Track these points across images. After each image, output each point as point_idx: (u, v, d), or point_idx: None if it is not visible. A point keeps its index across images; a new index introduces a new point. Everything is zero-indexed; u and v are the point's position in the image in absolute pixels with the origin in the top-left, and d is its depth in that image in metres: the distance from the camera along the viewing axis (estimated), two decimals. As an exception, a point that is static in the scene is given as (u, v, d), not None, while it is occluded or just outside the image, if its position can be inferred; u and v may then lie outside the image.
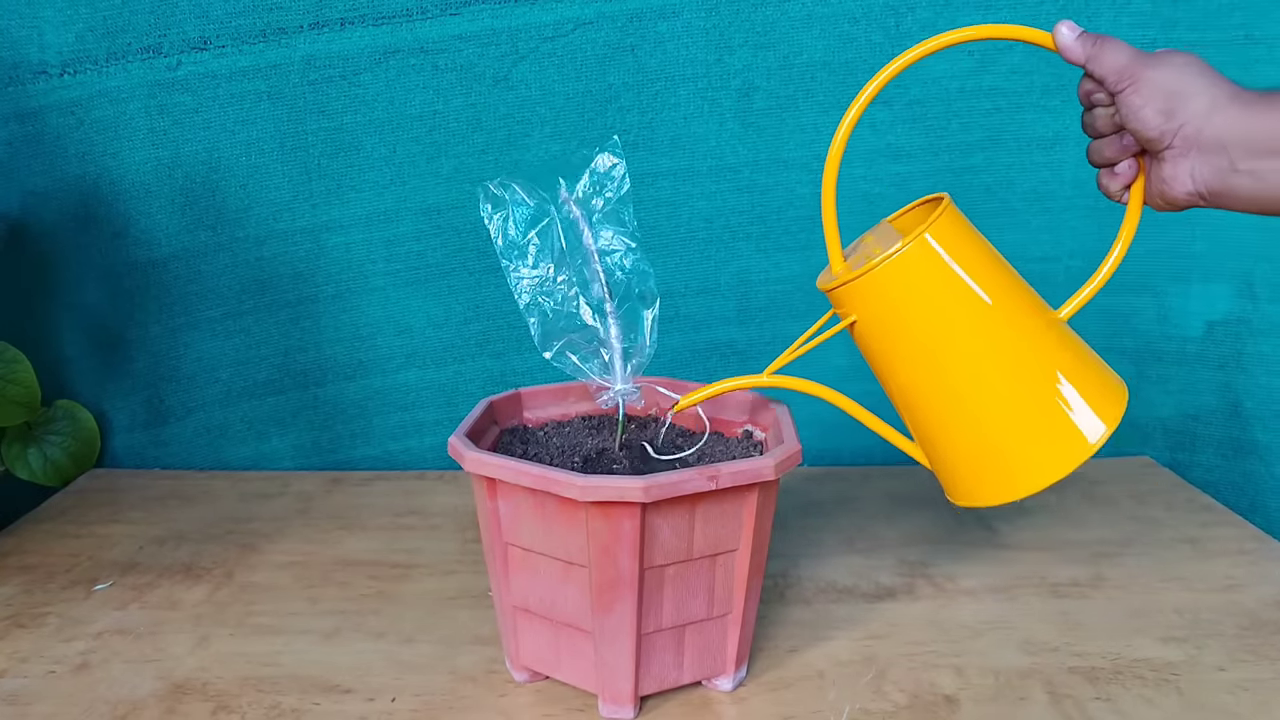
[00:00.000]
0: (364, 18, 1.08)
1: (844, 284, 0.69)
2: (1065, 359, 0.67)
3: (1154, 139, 0.63)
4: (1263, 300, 1.15)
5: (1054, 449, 0.66)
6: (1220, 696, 0.75)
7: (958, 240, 0.67)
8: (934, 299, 0.67)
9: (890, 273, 0.66)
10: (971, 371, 0.67)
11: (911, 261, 0.66)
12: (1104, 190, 0.69)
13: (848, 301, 0.70)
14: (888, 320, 0.69)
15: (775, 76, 1.12)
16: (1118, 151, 0.66)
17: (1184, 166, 0.63)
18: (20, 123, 1.12)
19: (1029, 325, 0.67)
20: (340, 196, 1.15)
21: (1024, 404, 0.67)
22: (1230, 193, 0.62)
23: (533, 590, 0.73)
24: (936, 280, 0.66)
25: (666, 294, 1.18)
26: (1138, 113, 0.62)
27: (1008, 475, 0.68)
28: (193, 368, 1.22)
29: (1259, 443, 1.17)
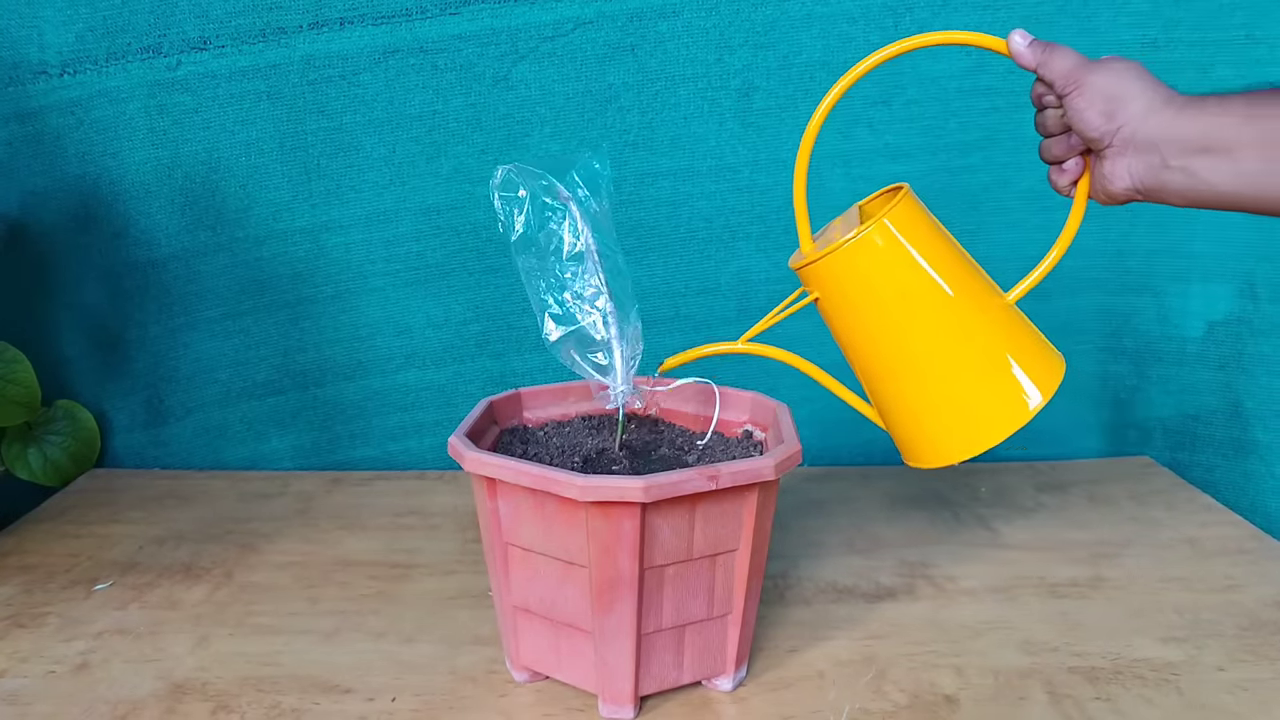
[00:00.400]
0: (363, 17, 1.08)
1: (809, 264, 0.74)
2: (1008, 335, 0.73)
3: (1096, 138, 0.67)
4: (1263, 300, 1.15)
5: (995, 415, 0.72)
6: (1220, 696, 0.75)
7: (913, 226, 0.72)
8: (888, 279, 0.72)
9: (850, 255, 0.72)
10: (921, 344, 0.72)
11: (869, 245, 0.71)
12: (1053, 185, 0.74)
13: (813, 279, 0.75)
14: (847, 297, 0.74)
15: (775, 76, 1.12)
16: (1065, 150, 0.72)
17: (1122, 164, 0.67)
18: (20, 123, 1.12)
19: (976, 305, 0.72)
20: (340, 197, 1.15)
21: (968, 374, 0.72)
22: (1163, 188, 0.67)
23: (533, 590, 0.73)
24: (891, 262, 0.72)
25: (666, 294, 1.19)
26: (1082, 114, 0.67)
27: (952, 438, 0.73)
28: (192, 368, 1.22)
29: (1259, 443, 1.17)
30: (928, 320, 0.72)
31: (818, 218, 1.12)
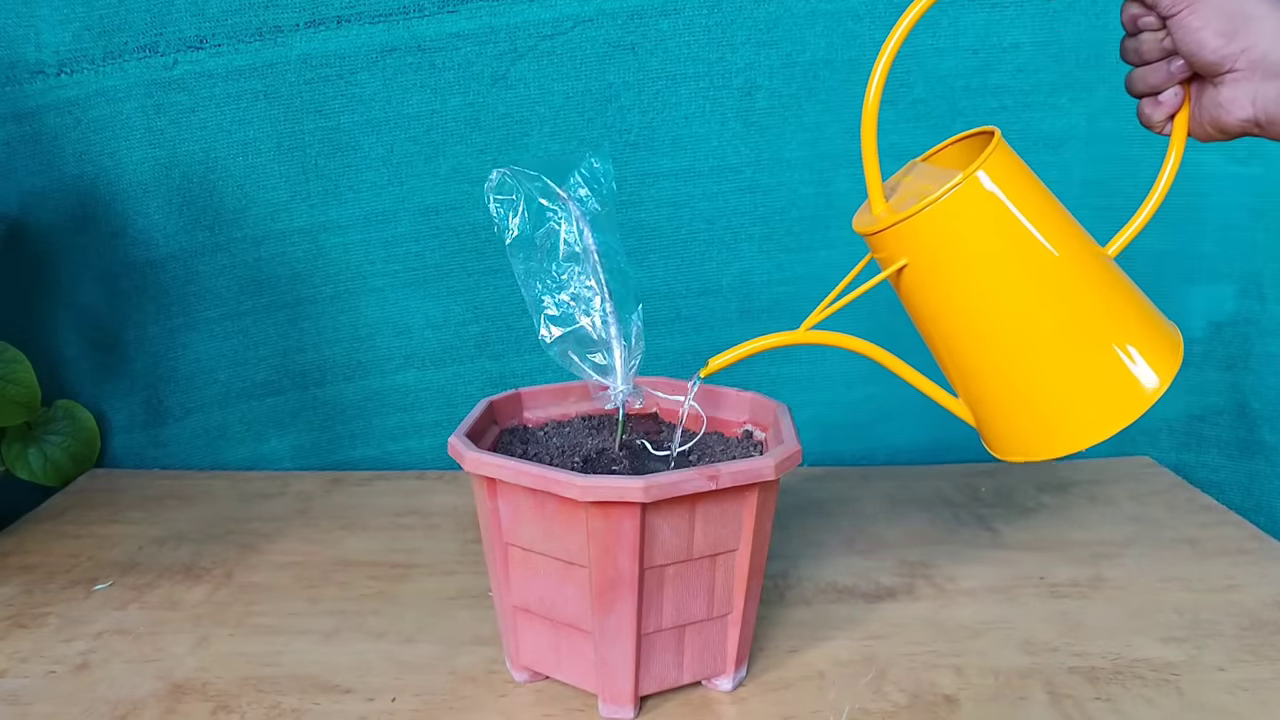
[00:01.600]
0: (360, 16, 1.08)
1: (892, 226, 0.65)
2: (1124, 307, 0.65)
3: (1214, 62, 0.61)
4: (1270, 301, 1.15)
5: (1110, 401, 0.65)
6: (1220, 696, 0.76)
7: (1012, 177, 0.64)
8: (991, 240, 0.64)
9: (944, 212, 0.63)
10: (1029, 318, 0.65)
11: (967, 200, 0.63)
12: (1145, 121, 0.67)
13: (895, 245, 0.66)
14: (939, 264, 0.65)
15: (778, 75, 1.12)
16: (1164, 79, 0.65)
17: (1245, 90, 0.61)
18: (17, 123, 1.12)
19: (1088, 270, 0.65)
20: (338, 197, 1.15)
21: (1082, 353, 0.65)
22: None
23: (533, 590, 0.73)
24: (993, 220, 0.63)
25: (667, 295, 1.19)
26: (1196, 34, 0.61)
27: (1061, 428, 0.66)
28: (191, 368, 1.22)
29: (1265, 443, 1.17)
30: (1037, 289, 0.64)
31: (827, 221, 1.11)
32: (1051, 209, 0.66)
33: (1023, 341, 0.66)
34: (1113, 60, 1.11)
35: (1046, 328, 0.65)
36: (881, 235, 0.67)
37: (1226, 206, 1.15)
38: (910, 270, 0.67)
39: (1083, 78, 1.13)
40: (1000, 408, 0.69)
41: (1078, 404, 0.66)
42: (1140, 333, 0.65)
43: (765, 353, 1.19)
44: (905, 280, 0.68)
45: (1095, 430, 0.65)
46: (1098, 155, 1.15)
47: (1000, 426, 0.70)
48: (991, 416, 0.70)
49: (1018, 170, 0.65)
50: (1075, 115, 1.14)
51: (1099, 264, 0.66)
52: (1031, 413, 0.67)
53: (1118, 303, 0.66)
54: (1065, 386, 0.66)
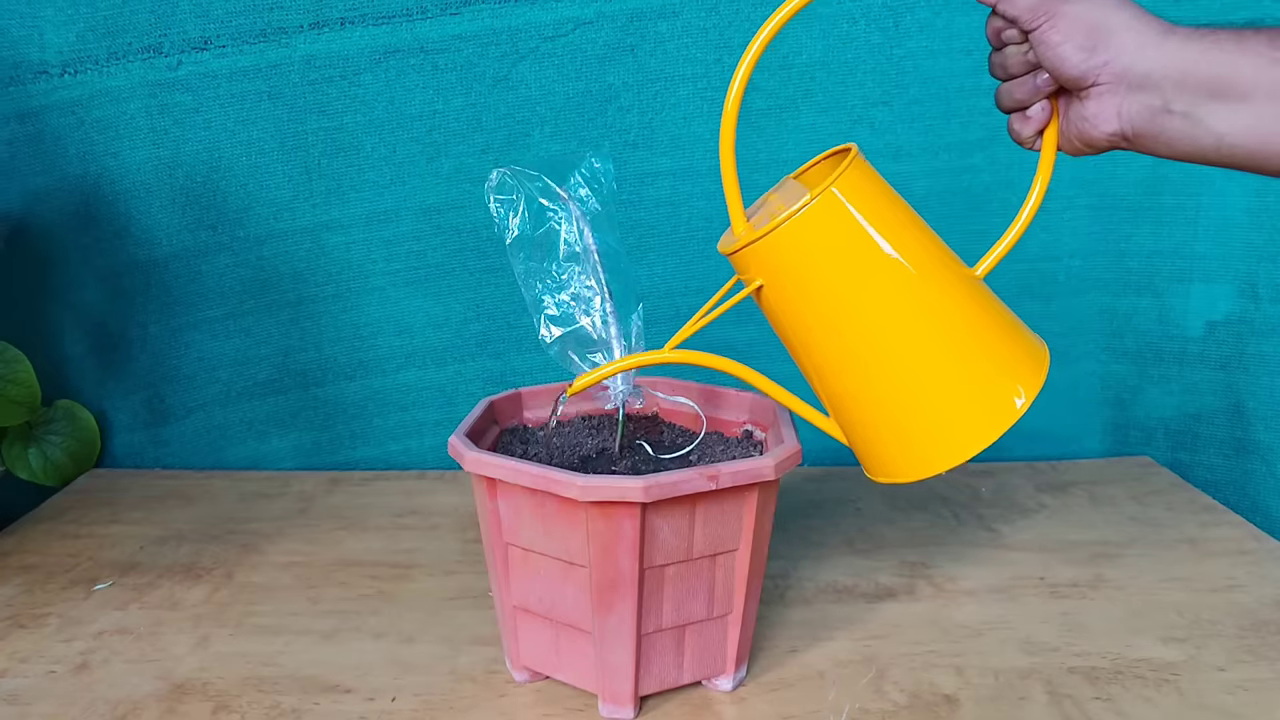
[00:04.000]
0: (364, 17, 1.08)
1: (746, 245, 0.64)
2: (985, 322, 0.63)
3: (1076, 77, 0.59)
4: (1265, 301, 1.14)
5: (976, 419, 0.62)
6: (1220, 696, 0.75)
7: (867, 194, 0.62)
8: (844, 258, 0.62)
9: (795, 231, 0.62)
10: (887, 336, 0.63)
11: (817, 218, 0.61)
12: (1015, 136, 0.66)
13: (752, 265, 0.65)
14: (795, 283, 0.64)
15: (775, 76, 1.12)
16: (1030, 93, 0.63)
17: (1110, 104, 0.59)
18: (21, 122, 1.12)
19: (947, 286, 0.63)
20: (340, 196, 1.15)
21: (943, 371, 0.62)
22: (1158, 135, 0.59)
23: (533, 590, 0.72)
24: (846, 238, 0.61)
25: (666, 293, 1.18)
26: (1057, 49, 0.59)
27: (927, 448, 0.64)
28: (193, 367, 1.21)
29: (1260, 443, 1.17)
30: (892, 307, 0.62)
31: None
32: (907, 226, 0.63)
33: (880, 361, 0.63)
34: None
35: (902, 347, 0.63)
36: (739, 255, 0.65)
37: (1221, 207, 1.14)
38: (767, 289, 0.65)
39: None
40: (864, 427, 0.67)
41: (939, 424, 0.63)
42: (1002, 350, 0.63)
43: (764, 352, 1.21)
44: (764, 299, 0.67)
45: (958, 450, 0.63)
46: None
47: (867, 446, 0.68)
48: (858, 437, 0.68)
49: (872, 188, 0.63)
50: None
51: (958, 282, 0.64)
52: (893, 433, 0.65)
53: (978, 320, 0.63)
54: (925, 406, 0.63)
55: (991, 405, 0.62)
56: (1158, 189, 1.15)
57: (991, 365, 0.62)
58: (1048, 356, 0.64)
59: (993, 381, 0.62)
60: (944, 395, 0.63)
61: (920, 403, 0.63)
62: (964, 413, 0.63)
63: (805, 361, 0.68)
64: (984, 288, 0.65)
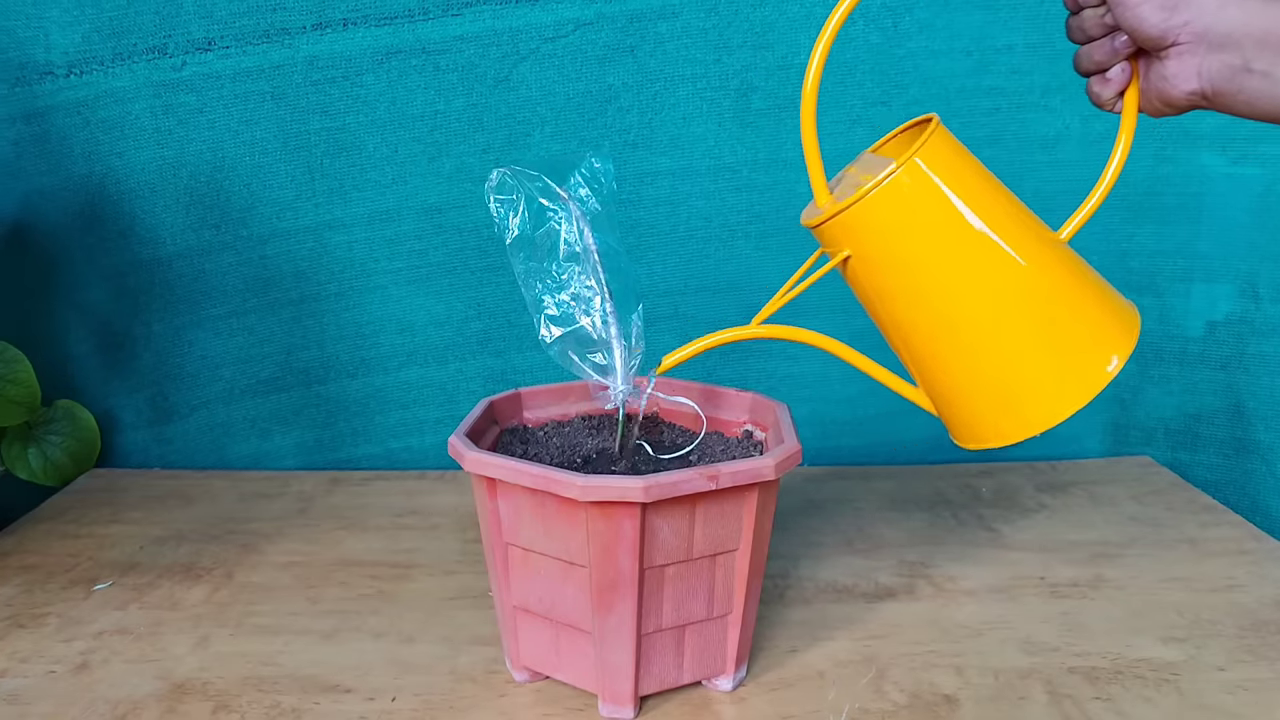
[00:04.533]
0: (366, 18, 1.08)
1: (831, 217, 0.64)
2: (1073, 285, 0.63)
3: (1155, 37, 0.59)
4: (1265, 301, 1.13)
5: (1067, 382, 0.62)
6: (1220, 696, 0.74)
7: (950, 162, 0.62)
8: (930, 227, 0.62)
9: (881, 201, 0.62)
10: (975, 303, 0.63)
11: (902, 187, 0.62)
12: (1095, 99, 0.65)
13: (838, 236, 0.65)
14: (881, 253, 0.64)
15: (774, 77, 1.11)
16: (1108, 55, 0.62)
17: (1190, 64, 0.59)
18: (27, 123, 1.11)
19: (1033, 250, 0.63)
20: (343, 196, 1.14)
21: (1033, 334, 0.63)
22: (1237, 93, 0.58)
23: (533, 590, 0.72)
24: (932, 206, 0.62)
25: (665, 292, 1.18)
26: (1134, 10, 0.58)
27: (1019, 412, 0.64)
28: (196, 365, 1.21)
29: (1261, 443, 1.16)
30: (980, 273, 0.62)
31: None
32: (991, 193, 0.63)
33: (970, 328, 0.64)
34: None
35: (992, 313, 0.63)
36: (824, 228, 0.66)
37: (1223, 207, 1.13)
38: (854, 261, 0.66)
39: (1076, 79, 1.08)
40: (955, 395, 0.67)
41: (1031, 388, 0.63)
42: (1092, 313, 0.63)
43: (763, 350, 1.21)
44: (851, 271, 0.67)
45: (1052, 412, 0.63)
46: (1091, 156, 1.14)
47: (957, 414, 0.68)
48: (948, 404, 0.68)
49: (955, 156, 0.63)
50: (1069, 116, 1.13)
51: (1046, 246, 0.64)
52: (985, 399, 0.65)
53: (1067, 284, 0.63)
54: (1017, 371, 0.63)
55: (1084, 367, 0.62)
56: (1159, 189, 1.14)
57: (1082, 328, 0.63)
58: (1138, 319, 0.65)
59: (1084, 344, 0.63)
60: (1036, 360, 0.63)
61: (1012, 368, 0.63)
62: (1054, 377, 0.63)
63: (893, 331, 0.68)
64: (1070, 251, 0.65)
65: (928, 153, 0.61)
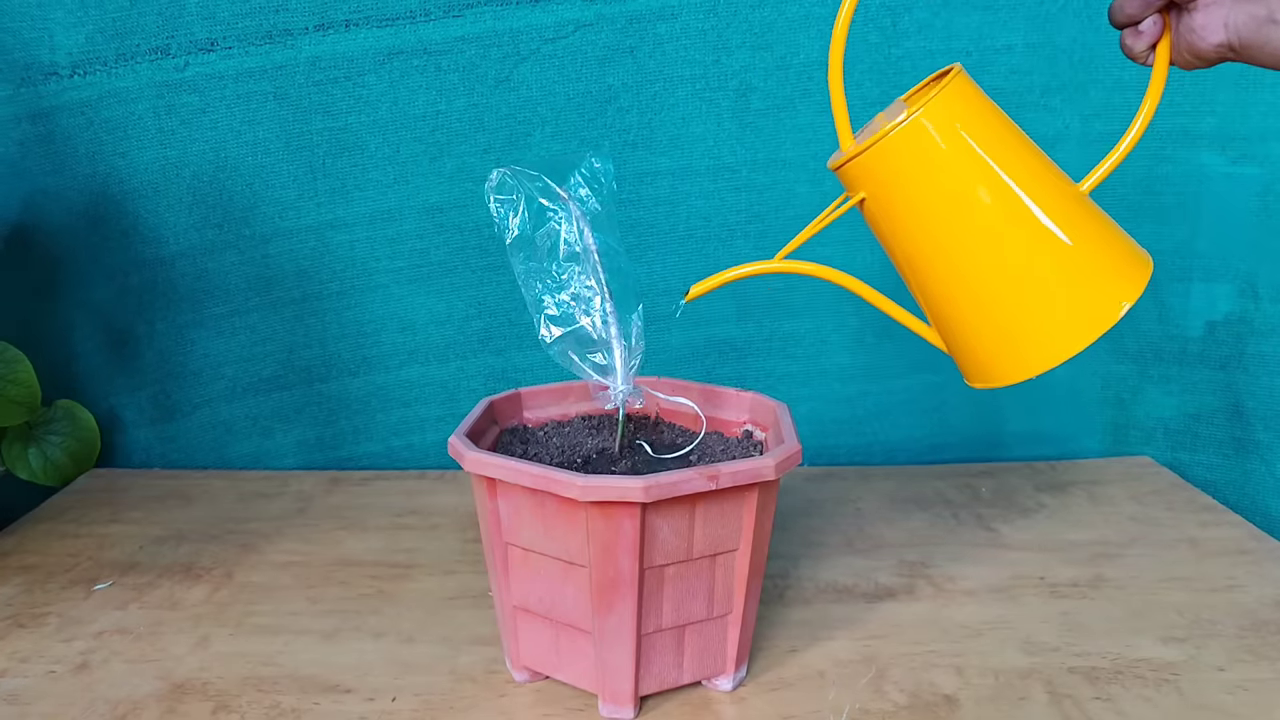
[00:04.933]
0: (368, 19, 1.07)
1: (850, 159, 0.65)
2: (1084, 229, 0.64)
3: None
4: (1264, 300, 1.12)
5: (1072, 321, 0.63)
6: (1220, 696, 0.73)
7: (968, 110, 0.63)
8: (943, 170, 0.63)
9: (896, 144, 0.63)
10: (983, 245, 0.64)
11: (917, 132, 0.63)
12: (1128, 52, 0.65)
13: (856, 178, 0.67)
14: (896, 195, 0.65)
15: (773, 77, 1.10)
16: (1141, 7, 0.63)
17: (1217, 15, 0.59)
18: (31, 123, 1.11)
19: (1045, 196, 0.63)
20: (345, 195, 1.14)
21: (1041, 275, 0.63)
22: (1264, 45, 0.58)
23: (533, 590, 0.71)
24: (945, 150, 0.63)
25: (665, 292, 1.17)
26: None
27: (1025, 349, 0.65)
28: (199, 364, 1.20)
29: (1260, 442, 1.15)
30: (990, 215, 0.63)
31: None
32: (1007, 140, 0.64)
33: (978, 269, 0.65)
34: (1104, 62, 1.11)
35: (1000, 255, 0.64)
36: (843, 170, 0.67)
37: (1222, 206, 1.12)
38: (869, 202, 0.67)
39: (1075, 79, 1.11)
40: (964, 333, 0.68)
41: (1038, 327, 0.65)
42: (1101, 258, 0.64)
43: (761, 350, 1.20)
44: (868, 212, 0.68)
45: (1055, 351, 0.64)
46: (1091, 156, 1.10)
47: (966, 352, 0.69)
48: (957, 342, 0.69)
49: (973, 104, 0.64)
50: (1068, 116, 1.12)
51: (1059, 195, 0.64)
52: (993, 337, 0.66)
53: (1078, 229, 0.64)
54: (1024, 310, 0.65)
55: (1087, 310, 0.63)
56: (1158, 188, 1.13)
57: (1091, 271, 0.63)
58: (1149, 266, 0.65)
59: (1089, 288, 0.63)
60: (1040, 300, 0.64)
61: (1019, 307, 0.64)
62: (1060, 317, 0.64)
63: (907, 271, 0.69)
64: (1088, 201, 0.66)
65: (944, 99, 0.62)
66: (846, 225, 0.73)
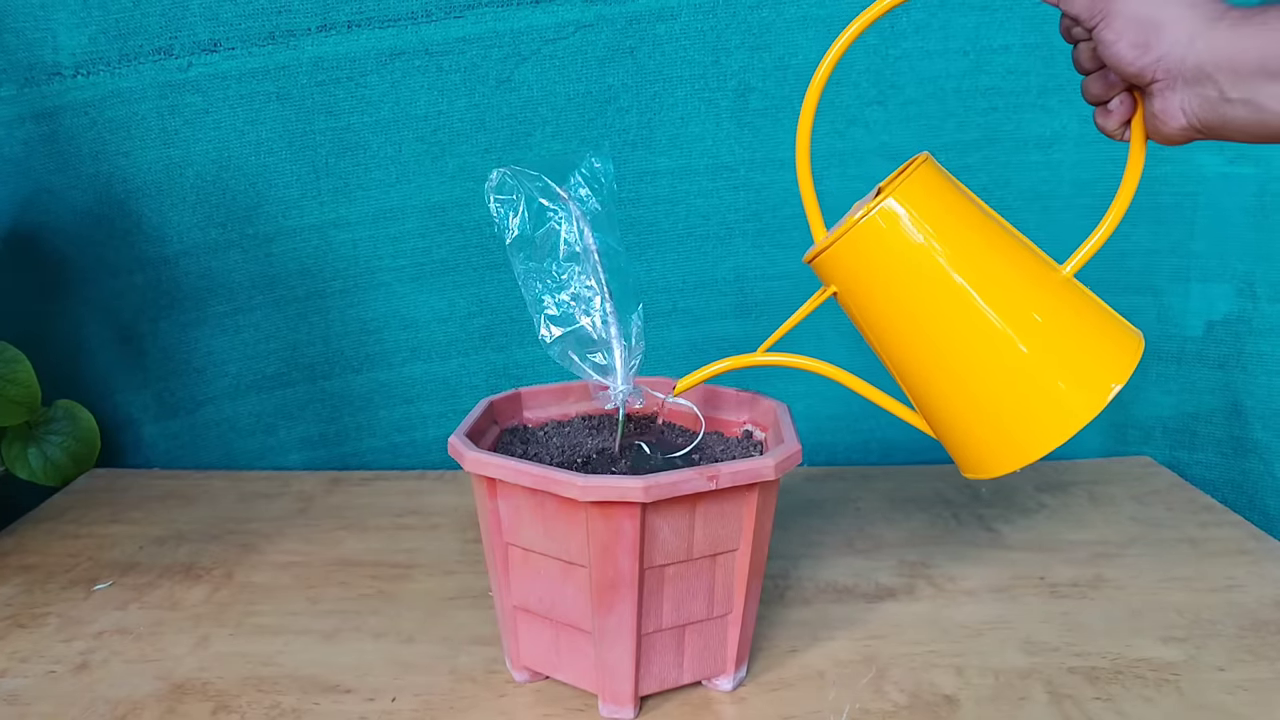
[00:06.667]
0: (370, 20, 1.06)
1: (819, 253, 0.64)
2: (1063, 315, 0.61)
3: (1133, 74, 0.57)
4: (1263, 299, 1.11)
5: (1054, 412, 0.61)
6: (1220, 696, 0.72)
7: (931, 202, 0.61)
8: (906, 268, 0.61)
9: (858, 240, 0.62)
10: (958, 336, 0.62)
11: (876, 229, 0.61)
12: (1102, 129, 0.63)
13: (828, 271, 0.65)
14: (864, 289, 0.64)
15: (771, 77, 1.09)
16: (1105, 88, 0.61)
17: (1173, 100, 0.57)
18: (35, 123, 1.10)
19: (1018, 285, 0.61)
20: (347, 195, 1.13)
21: (1019, 366, 0.61)
22: (1225, 124, 0.56)
23: (533, 590, 0.70)
24: (910, 243, 0.61)
25: (665, 290, 1.17)
26: (1111, 48, 0.56)
27: (1007, 443, 0.63)
28: (203, 362, 1.19)
29: (1259, 442, 1.14)
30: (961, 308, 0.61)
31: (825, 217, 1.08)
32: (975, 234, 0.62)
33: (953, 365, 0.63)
34: None
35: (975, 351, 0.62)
36: (816, 263, 0.66)
37: (1219, 206, 1.11)
38: (841, 295, 0.66)
39: (1072, 79, 1.07)
40: (949, 425, 0.66)
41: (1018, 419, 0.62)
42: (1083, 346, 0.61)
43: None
44: (842, 303, 0.67)
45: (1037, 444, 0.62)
46: (1087, 156, 1.13)
47: (953, 443, 0.67)
48: (943, 433, 0.67)
49: (938, 195, 0.62)
50: (1065, 116, 1.11)
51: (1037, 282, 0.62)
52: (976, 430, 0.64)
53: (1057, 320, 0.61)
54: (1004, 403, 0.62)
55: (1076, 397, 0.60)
56: (1156, 188, 1.11)
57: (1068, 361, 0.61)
58: (1139, 345, 0.63)
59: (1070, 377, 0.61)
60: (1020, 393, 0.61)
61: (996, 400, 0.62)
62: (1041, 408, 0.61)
63: (886, 361, 0.68)
64: (1070, 285, 0.63)
65: (905, 193, 0.61)
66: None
